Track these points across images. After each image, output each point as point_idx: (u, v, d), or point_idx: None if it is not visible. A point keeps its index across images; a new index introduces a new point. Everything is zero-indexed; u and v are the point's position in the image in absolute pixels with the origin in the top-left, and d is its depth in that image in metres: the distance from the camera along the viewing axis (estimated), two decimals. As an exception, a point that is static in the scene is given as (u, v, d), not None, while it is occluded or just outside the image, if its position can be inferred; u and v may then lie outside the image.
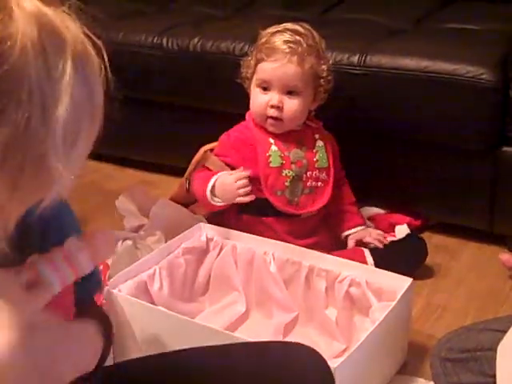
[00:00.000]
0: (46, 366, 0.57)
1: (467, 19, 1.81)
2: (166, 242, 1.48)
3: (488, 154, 1.56)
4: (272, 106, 1.46)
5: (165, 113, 1.93)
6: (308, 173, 1.51)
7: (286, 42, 1.44)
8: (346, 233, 1.57)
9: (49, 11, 0.54)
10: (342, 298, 1.29)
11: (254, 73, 1.50)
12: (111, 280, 1.25)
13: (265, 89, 1.48)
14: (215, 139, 1.60)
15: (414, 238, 1.58)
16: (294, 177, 1.50)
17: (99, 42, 0.56)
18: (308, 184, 1.51)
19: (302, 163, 1.51)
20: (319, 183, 1.52)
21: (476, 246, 1.66)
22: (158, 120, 1.95)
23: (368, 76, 1.60)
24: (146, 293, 1.31)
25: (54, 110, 0.51)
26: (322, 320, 1.33)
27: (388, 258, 1.46)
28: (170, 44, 1.84)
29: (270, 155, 1.49)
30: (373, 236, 1.54)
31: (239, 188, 1.44)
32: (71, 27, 0.55)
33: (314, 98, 1.50)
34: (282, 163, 1.49)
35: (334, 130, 1.59)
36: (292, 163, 1.50)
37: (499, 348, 0.98)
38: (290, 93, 1.46)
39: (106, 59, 0.57)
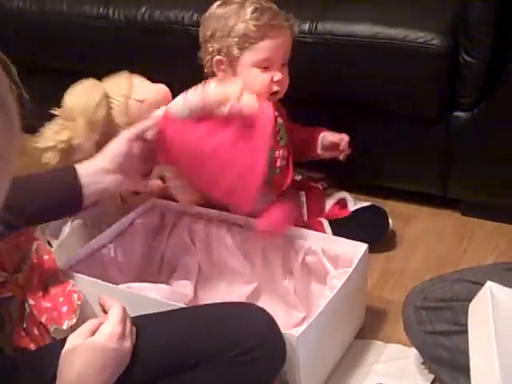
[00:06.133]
0: None
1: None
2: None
3: (440, 120, 1.56)
4: (277, 82, 1.44)
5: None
6: (276, 152, 1.49)
7: (275, 15, 1.42)
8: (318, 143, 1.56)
9: None
10: (299, 267, 1.28)
11: (238, 58, 1.43)
12: (64, 261, 1.22)
13: (265, 67, 1.43)
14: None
15: (374, 208, 1.57)
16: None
17: (5, 57, 0.51)
18: (278, 164, 1.49)
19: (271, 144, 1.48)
20: (284, 162, 1.50)
21: (430, 211, 1.68)
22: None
23: (320, 44, 1.58)
24: (104, 272, 1.28)
25: None
26: (280, 290, 1.33)
27: (347, 230, 1.43)
28: (116, 14, 1.78)
29: None
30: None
31: None
32: None
33: None
34: None
35: (286, 100, 1.57)
36: None
37: (470, 307, 0.99)
38: (283, 64, 1.45)
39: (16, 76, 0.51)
